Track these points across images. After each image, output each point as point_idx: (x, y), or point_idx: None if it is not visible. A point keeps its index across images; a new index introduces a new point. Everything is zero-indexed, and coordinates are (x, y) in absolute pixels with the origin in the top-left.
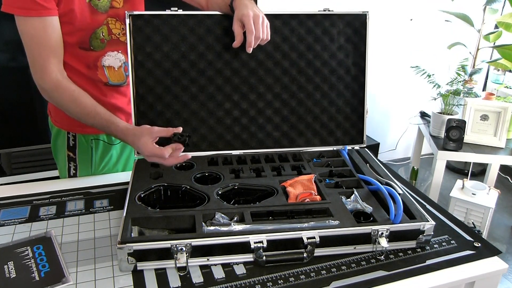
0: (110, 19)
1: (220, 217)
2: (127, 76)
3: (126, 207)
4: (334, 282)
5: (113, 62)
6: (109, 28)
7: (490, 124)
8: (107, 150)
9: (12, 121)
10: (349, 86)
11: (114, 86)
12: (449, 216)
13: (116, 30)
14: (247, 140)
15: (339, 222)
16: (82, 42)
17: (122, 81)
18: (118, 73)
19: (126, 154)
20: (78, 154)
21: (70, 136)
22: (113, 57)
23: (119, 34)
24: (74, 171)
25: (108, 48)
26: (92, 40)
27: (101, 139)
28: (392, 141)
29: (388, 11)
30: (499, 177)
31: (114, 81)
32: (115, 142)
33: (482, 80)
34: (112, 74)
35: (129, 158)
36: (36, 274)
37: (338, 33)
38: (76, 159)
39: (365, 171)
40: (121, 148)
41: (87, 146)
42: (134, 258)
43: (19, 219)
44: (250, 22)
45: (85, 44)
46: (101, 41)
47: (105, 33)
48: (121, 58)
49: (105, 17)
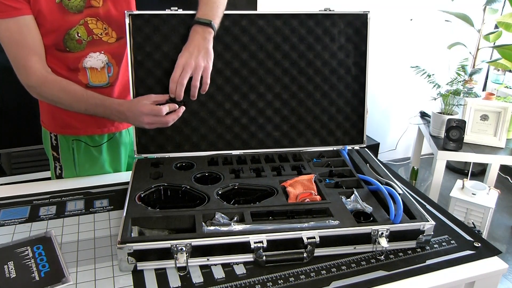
0: (89, 19)
1: (220, 217)
2: (109, 77)
3: (126, 207)
4: (334, 282)
5: (95, 63)
6: (88, 29)
7: (490, 124)
8: (89, 152)
9: (12, 121)
10: (350, 86)
11: (95, 87)
12: (449, 216)
13: (98, 30)
14: (247, 140)
15: (339, 222)
16: (56, 44)
17: (104, 82)
18: (100, 74)
19: (112, 156)
20: (61, 154)
21: (52, 136)
22: (95, 58)
23: (101, 34)
24: (60, 171)
25: (89, 49)
26: (66, 41)
27: (83, 140)
28: (392, 141)
29: (388, 11)
30: (499, 177)
31: (95, 82)
32: (98, 143)
33: (482, 80)
34: (94, 76)
35: (117, 160)
36: (36, 274)
37: (338, 33)
38: (60, 159)
39: (365, 171)
40: (108, 149)
41: (68, 146)
42: (134, 258)
43: (19, 219)
44: (178, 71)
45: (59, 45)
46: (77, 42)
47: (82, 34)
48: (103, 59)
49: (80, 18)
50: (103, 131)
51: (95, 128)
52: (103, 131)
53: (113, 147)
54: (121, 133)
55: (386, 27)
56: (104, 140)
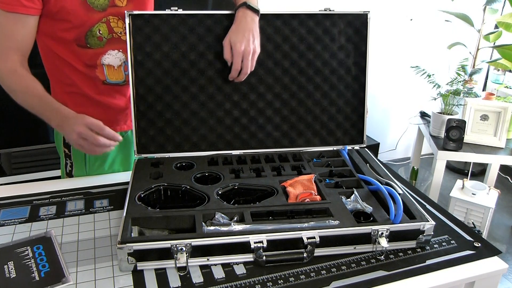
0: (111, 17)
1: (220, 217)
2: (126, 75)
3: (126, 207)
4: (334, 282)
5: (113, 61)
6: (109, 27)
7: (490, 124)
8: None
9: (12, 121)
10: (350, 86)
11: (112, 84)
12: (449, 216)
13: (118, 28)
14: (247, 140)
15: (339, 222)
16: (78, 40)
17: (120, 80)
18: (117, 72)
19: (124, 154)
20: (73, 151)
21: None
22: (113, 56)
23: (120, 33)
24: (70, 168)
25: (109, 47)
26: (88, 37)
27: None
28: (392, 141)
29: (388, 11)
30: (499, 177)
31: (112, 79)
32: None
33: (482, 80)
34: (111, 73)
35: (127, 159)
36: (36, 274)
37: (338, 33)
38: (71, 156)
39: (365, 171)
40: (119, 148)
41: None
42: (134, 258)
43: (19, 219)
44: (239, 59)
45: (81, 41)
46: (98, 39)
47: (103, 31)
48: (121, 57)
49: (103, 16)
50: (116, 129)
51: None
52: (116, 129)
53: (124, 146)
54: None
55: (386, 27)
56: None
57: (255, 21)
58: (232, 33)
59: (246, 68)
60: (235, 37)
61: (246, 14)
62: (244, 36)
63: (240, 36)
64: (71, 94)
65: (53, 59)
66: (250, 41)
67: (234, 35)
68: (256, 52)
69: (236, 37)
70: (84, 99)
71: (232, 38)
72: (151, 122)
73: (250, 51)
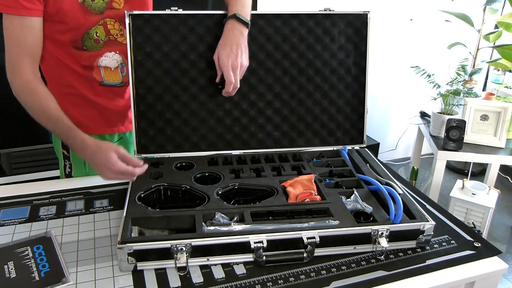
0: (108, 20)
1: (220, 217)
2: (123, 77)
3: (126, 207)
4: (334, 282)
5: (110, 63)
6: (106, 29)
7: (490, 124)
8: None
9: (12, 121)
10: (350, 86)
11: (109, 86)
12: (449, 216)
13: (115, 30)
14: (247, 140)
15: (339, 222)
16: (74, 42)
17: (117, 81)
18: (114, 73)
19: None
20: (71, 152)
21: None
22: (110, 58)
23: (116, 34)
24: (70, 169)
25: (106, 49)
26: (84, 40)
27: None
28: (392, 141)
29: (388, 11)
30: (499, 177)
31: (109, 80)
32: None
33: (482, 80)
34: (107, 74)
35: None
36: (36, 274)
37: (338, 33)
38: (70, 157)
39: (365, 171)
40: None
41: None
42: (134, 258)
43: (19, 219)
44: (229, 73)
45: (77, 43)
46: (95, 42)
47: (100, 34)
48: (118, 59)
49: (100, 18)
50: (113, 130)
51: (105, 127)
52: (113, 131)
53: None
54: (131, 133)
55: (386, 27)
56: (114, 139)
57: (243, 34)
58: (220, 47)
59: (236, 82)
60: (223, 51)
61: (235, 26)
62: (232, 50)
63: (227, 50)
64: (68, 95)
65: (50, 61)
66: (238, 55)
67: (221, 49)
68: (244, 66)
69: (224, 51)
70: (81, 100)
71: (220, 52)
72: (151, 122)
73: (237, 66)
